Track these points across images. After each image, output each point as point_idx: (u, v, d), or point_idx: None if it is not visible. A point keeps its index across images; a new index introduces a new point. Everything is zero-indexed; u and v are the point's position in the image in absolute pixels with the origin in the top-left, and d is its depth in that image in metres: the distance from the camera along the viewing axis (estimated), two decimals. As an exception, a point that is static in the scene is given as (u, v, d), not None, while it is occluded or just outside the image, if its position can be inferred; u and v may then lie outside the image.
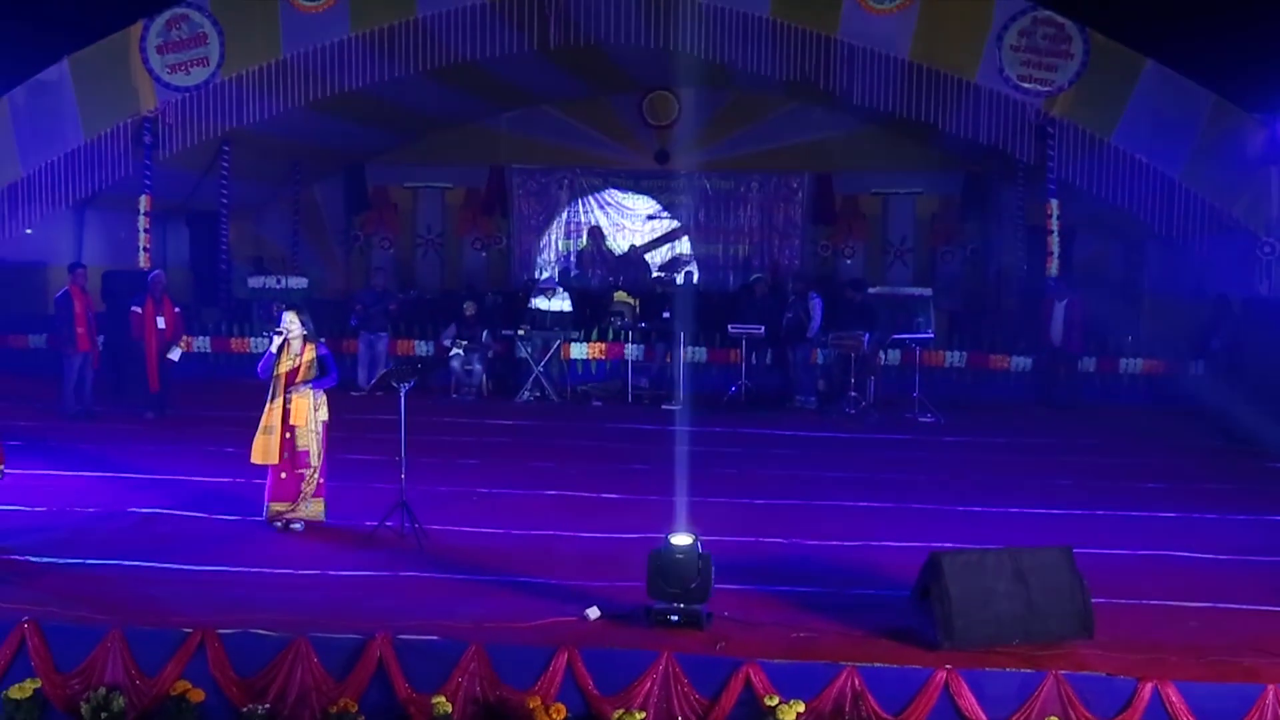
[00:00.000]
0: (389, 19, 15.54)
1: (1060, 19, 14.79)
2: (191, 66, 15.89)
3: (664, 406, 14.88)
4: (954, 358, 16.05)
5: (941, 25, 14.93)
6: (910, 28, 14.91)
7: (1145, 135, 14.66)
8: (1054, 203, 15.59)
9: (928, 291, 16.51)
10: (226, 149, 18.27)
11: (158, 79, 15.94)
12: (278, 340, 8.53)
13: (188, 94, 15.92)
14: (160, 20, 15.87)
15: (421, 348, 16.46)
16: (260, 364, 8.65)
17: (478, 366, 15.51)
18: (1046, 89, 14.84)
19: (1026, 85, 14.86)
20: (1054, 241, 15.78)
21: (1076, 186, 15.13)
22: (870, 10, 14.93)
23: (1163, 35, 14.91)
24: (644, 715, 6.02)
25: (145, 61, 15.94)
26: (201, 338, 16.51)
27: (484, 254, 22.39)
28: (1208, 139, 14.60)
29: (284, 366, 8.51)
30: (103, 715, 5.96)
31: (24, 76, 16.28)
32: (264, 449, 8.45)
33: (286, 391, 8.48)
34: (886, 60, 14.97)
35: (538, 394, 15.34)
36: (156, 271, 14.09)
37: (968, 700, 5.98)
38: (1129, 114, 14.69)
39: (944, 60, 14.97)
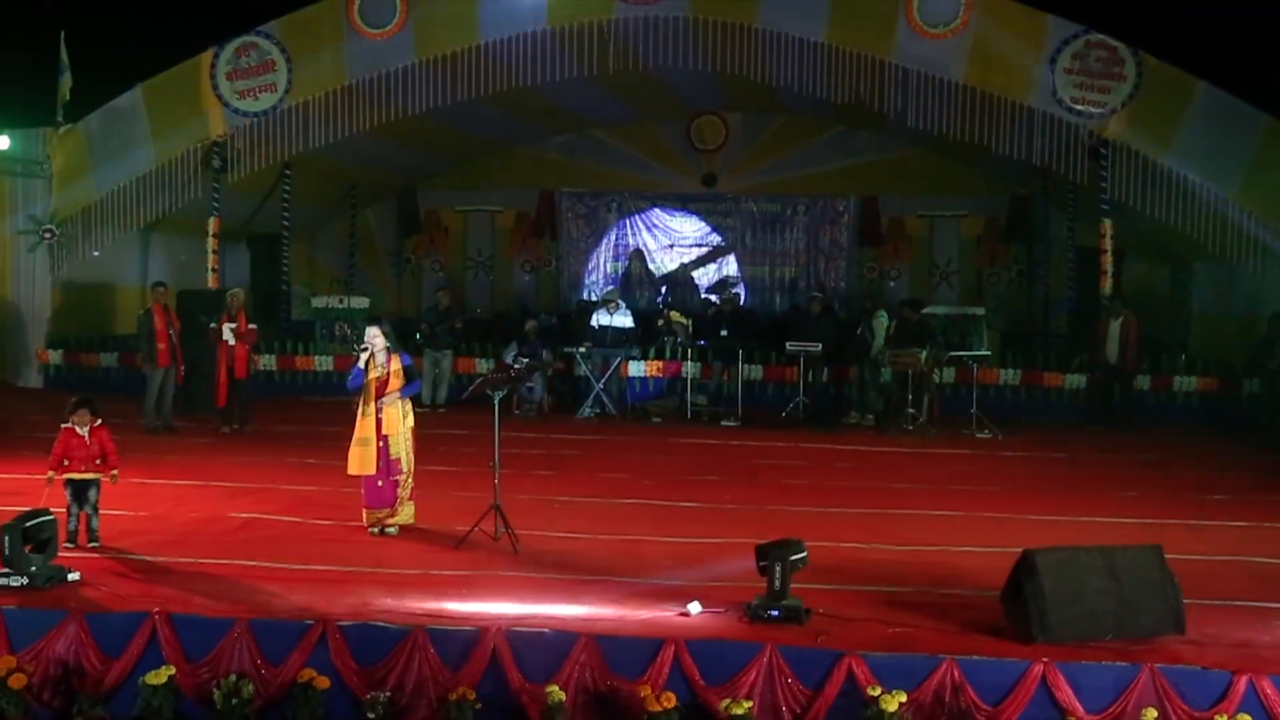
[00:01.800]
0: (452, 45, 15.91)
1: (1113, 42, 14.95)
2: (260, 92, 16.31)
3: (723, 423, 15.12)
4: (1008, 375, 16.13)
5: (995, 49, 15.11)
6: (964, 51, 15.13)
7: (1198, 156, 14.76)
8: (1107, 223, 15.76)
9: (980, 311, 16.68)
10: (288, 173, 18.75)
11: (227, 105, 16.36)
12: (364, 355, 8.85)
13: (256, 119, 16.32)
14: (230, 48, 16.31)
15: (482, 365, 16.77)
16: (351, 378, 8.97)
17: (538, 384, 15.79)
18: (1100, 111, 14.99)
19: (1079, 107, 15.02)
20: (1107, 261, 15.95)
21: (1129, 207, 15.26)
22: (924, 34, 15.17)
23: (1215, 58, 15.04)
24: (750, 705, 6.24)
25: (215, 88, 16.36)
26: (267, 356, 16.87)
27: (529, 276, 22.72)
28: (1261, 160, 14.69)
29: (372, 376, 8.81)
30: (234, 701, 6.24)
31: (99, 103, 16.80)
32: (360, 460, 8.75)
33: (378, 401, 8.78)
34: (940, 83, 15.18)
35: (598, 410, 15.60)
36: (234, 289, 14.48)
37: (1065, 692, 6.15)
38: (1182, 135, 14.83)
39: (997, 83, 15.15)
